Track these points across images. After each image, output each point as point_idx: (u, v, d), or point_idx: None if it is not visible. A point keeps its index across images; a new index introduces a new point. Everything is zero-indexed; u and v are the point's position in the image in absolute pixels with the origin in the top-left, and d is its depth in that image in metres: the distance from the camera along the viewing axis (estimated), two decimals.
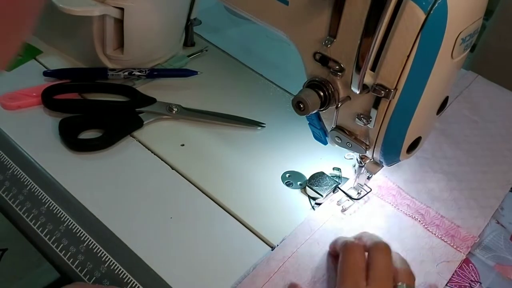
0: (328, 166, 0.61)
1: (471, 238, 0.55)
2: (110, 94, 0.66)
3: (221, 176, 0.59)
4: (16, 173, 0.56)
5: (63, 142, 0.59)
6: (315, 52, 0.46)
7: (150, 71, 0.67)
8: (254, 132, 0.65)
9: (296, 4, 0.46)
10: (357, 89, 0.43)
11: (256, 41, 0.82)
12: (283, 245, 0.51)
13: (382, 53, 0.41)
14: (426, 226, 0.55)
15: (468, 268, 0.53)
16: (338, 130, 0.50)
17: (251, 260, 0.50)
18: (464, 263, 0.53)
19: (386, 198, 0.58)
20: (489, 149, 0.66)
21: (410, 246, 0.53)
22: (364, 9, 0.40)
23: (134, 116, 0.63)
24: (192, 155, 0.61)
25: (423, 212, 0.57)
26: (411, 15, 0.38)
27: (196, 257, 0.50)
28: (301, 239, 0.52)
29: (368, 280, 0.45)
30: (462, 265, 0.52)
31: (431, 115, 0.46)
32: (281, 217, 0.55)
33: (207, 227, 0.53)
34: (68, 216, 0.53)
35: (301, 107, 0.46)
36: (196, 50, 0.76)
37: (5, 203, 0.55)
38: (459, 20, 0.39)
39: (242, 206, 0.56)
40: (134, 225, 0.52)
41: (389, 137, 0.46)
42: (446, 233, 0.55)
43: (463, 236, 0.55)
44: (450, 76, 0.43)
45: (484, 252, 0.54)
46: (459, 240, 0.54)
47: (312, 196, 0.57)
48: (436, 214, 0.57)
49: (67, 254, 0.50)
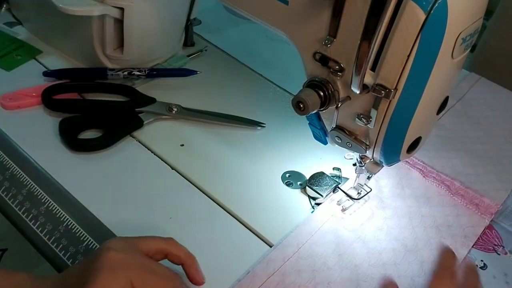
0: (328, 166, 0.61)
1: (494, 205, 0.59)
2: (110, 94, 0.66)
3: (221, 176, 0.59)
4: (16, 173, 0.56)
5: (63, 142, 0.59)
6: (315, 52, 0.46)
7: (150, 71, 0.67)
8: (254, 132, 0.65)
9: (296, 4, 0.45)
10: (357, 89, 0.43)
11: (256, 41, 0.81)
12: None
13: (382, 53, 0.41)
14: (452, 196, 0.60)
15: (491, 233, 0.57)
16: (338, 130, 0.49)
17: (251, 260, 0.50)
18: (488, 229, 0.57)
19: (413, 168, 0.62)
20: (509, 130, 0.71)
21: (438, 213, 0.57)
22: (364, 9, 0.40)
23: (134, 116, 0.63)
24: (192, 155, 0.61)
25: (448, 183, 0.61)
26: (411, 15, 0.38)
27: (196, 257, 0.50)
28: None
29: None
30: (486, 231, 0.57)
31: (431, 115, 0.46)
32: (281, 217, 0.55)
33: (207, 227, 0.53)
34: (67, 216, 0.53)
35: (301, 107, 0.46)
36: (196, 50, 0.76)
37: (4, 203, 0.55)
38: (459, 20, 0.39)
39: (242, 206, 0.56)
40: (134, 225, 0.52)
41: (389, 137, 0.46)
42: (470, 201, 0.59)
43: (487, 204, 0.59)
44: (450, 76, 0.43)
45: (506, 220, 0.59)
46: (483, 208, 0.58)
47: (312, 196, 0.57)
48: (461, 185, 0.61)
49: (67, 254, 0.50)
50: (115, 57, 0.67)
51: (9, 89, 0.63)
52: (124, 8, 0.61)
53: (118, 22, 0.63)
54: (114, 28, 0.64)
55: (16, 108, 0.62)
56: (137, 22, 0.64)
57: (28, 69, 0.68)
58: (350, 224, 0.55)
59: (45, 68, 0.69)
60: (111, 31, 0.64)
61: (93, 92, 0.66)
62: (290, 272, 0.49)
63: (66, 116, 0.61)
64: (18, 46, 0.71)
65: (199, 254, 0.51)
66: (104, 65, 0.67)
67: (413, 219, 0.56)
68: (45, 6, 0.63)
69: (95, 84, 0.66)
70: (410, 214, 0.57)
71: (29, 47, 0.71)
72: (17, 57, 0.70)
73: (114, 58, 0.67)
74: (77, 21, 0.63)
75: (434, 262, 0.52)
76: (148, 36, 0.66)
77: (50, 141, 0.59)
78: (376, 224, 0.55)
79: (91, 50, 0.66)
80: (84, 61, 0.69)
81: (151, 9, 0.63)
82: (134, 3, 0.61)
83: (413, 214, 0.57)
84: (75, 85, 0.66)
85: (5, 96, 0.63)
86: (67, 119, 0.60)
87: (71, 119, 0.61)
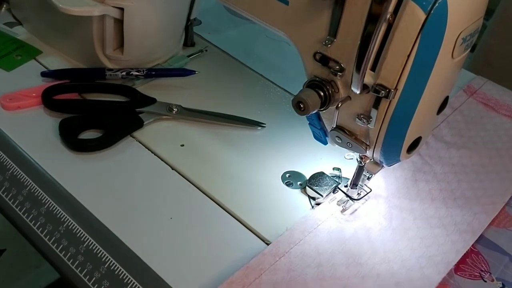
0: (328, 166, 0.61)
1: None
2: (110, 94, 0.66)
3: (221, 176, 0.59)
4: (16, 173, 0.56)
5: (63, 143, 0.59)
6: (315, 52, 0.46)
7: (148, 71, 0.67)
8: (254, 132, 0.65)
9: (296, 4, 0.46)
10: (357, 89, 0.43)
11: (256, 41, 0.81)
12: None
13: (382, 53, 0.41)
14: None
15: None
16: (338, 130, 0.49)
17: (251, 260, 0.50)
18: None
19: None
20: None
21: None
22: (364, 9, 0.40)
23: (134, 116, 0.63)
24: (192, 155, 0.61)
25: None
26: (411, 15, 0.38)
27: (197, 257, 0.50)
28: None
29: None
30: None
31: (431, 115, 0.46)
32: (281, 217, 0.55)
33: (207, 228, 0.53)
34: (68, 217, 0.53)
35: (301, 107, 0.46)
36: (196, 50, 0.75)
37: (4, 204, 0.55)
38: (460, 20, 0.39)
39: (242, 206, 0.55)
40: (134, 225, 0.52)
41: (389, 137, 0.46)
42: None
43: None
44: (450, 76, 0.43)
45: None
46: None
47: (312, 196, 0.57)
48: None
49: (67, 254, 0.50)
50: (115, 57, 0.67)
51: (9, 90, 0.63)
52: (124, 8, 0.61)
53: (118, 22, 0.63)
54: (114, 28, 0.64)
55: (16, 108, 0.62)
56: (137, 22, 0.64)
57: (28, 70, 0.68)
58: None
59: (45, 68, 0.69)
60: (111, 31, 0.64)
61: (93, 93, 0.66)
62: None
63: (66, 117, 0.61)
64: (18, 46, 0.71)
65: (199, 254, 0.51)
66: (104, 66, 0.67)
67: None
68: (45, 6, 0.63)
69: (95, 84, 0.66)
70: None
71: (29, 47, 0.71)
72: (17, 57, 0.70)
73: (114, 59, 0.67)
74: (77, 21, 0.63)
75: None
76: (148, 36, 0.66)
77: (50, 141, 0.59)
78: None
79: (91, 51, 0.66)
80: (84, 61, 0.69)
81: (151, 9, 0.63)
82: (134, 3, 0.61)
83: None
84: (75, 86, 0.65)
85: (5, 97, 0.63)
86: (67, 120, 0.60)
87: (71, 120, 0.61)
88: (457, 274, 0.52)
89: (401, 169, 0.61)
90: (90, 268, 0.49)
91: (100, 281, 0.48)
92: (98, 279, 0.49)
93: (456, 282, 0.51)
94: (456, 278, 0.51)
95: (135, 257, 0.49)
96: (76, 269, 0.50)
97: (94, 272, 0.49)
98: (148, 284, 0.48)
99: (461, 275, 0.52)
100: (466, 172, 0.63)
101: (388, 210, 0.57)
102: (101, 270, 0.49)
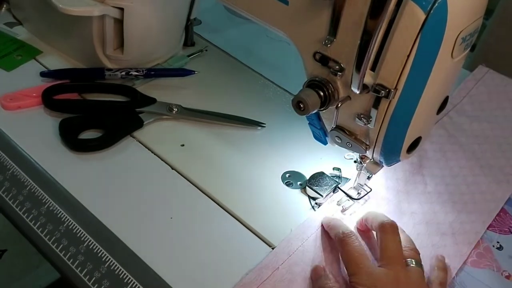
0: (328, 166, 0.61)
1: None
2: (110, 94, 0.66)
3: (221, 176, 0.59)
4: (16, 173, 0.56)
5: (63, 142, 0.59)
6: (315, 52, 0.46)
7: (147, 71, 0.67)
8: (254, 132, 0.65)
9: (296, 4, 0.46)
10: (357, 89, 0.43)
11: (256, 41, 0.81)
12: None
13: (382, 53, 0.41)
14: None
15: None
16: (338, 130, 0.50)
17: (251, 260, 0.50)
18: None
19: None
20: None
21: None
22: (364, 9, 0.40)
23: (134, 116, 0.63)
24: (192, 155, 0.61)
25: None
26: (411, 15, 0.38)
27: (196, 257, 0.50)
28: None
29: (382, 262, 0.47)
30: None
31: (431, 115, 0.46)
32: (281, 217, 0.55)
33: (207, 227, 0.53)
34: (68, 217, 0.53)
35: (301, 107, 0.46)
36: (196, 50, 0.76)
37: (5, 204, 0.55)
38: (459, 20, 0.39)
39: (242, 206, 0.56)
40: (134, 225, 0.52)
41: (389, 137, 0.46)
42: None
43: None
44: (450, 75, 0.43)
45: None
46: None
47: (312, 196, 0.57)
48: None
49: (67, 254, 0.50)
50: (115, 57, 0.67)
51: (10, 90, 0.63)
52: (124, 8, 0.61)
53: (118, 22, 0.63)
54: (114, 28, 0.64)
55: (16, 108, 0.62)
56: (137, 22, 0.64)
57: (28, 69, 0.68)
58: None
59: (45, 68, 0.69)
60: (111, 31, 0.64)
61: (93, 93, 0.66)
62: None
63: (66, 117, 0.61)
64: (18, 46, 0.71)
65: (198, 254, 0.51)
66: (104, 65, 0.67)
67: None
68: (45, 6, 0.63)
69: (95, 84, 0.66)
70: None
71: (29, 47, 0.72)
72: (17, 57, 0.70)
73: (114, 58, 0.67)
74: (77, 21, 0.63)
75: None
76: (148, 36, 0.66)
77: (51, 141, 0.59)
78: None
79: (91, 50, 0.66)
80: (84, 61, 0.69)
81: (151, 9, 0.63)
82: (134, 3, 0.61)
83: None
84: (76, 86, 0.66)
85: (6, 97, 0.63)
86: (67, 120, 0.60)
87: (71, 119, 0.61)
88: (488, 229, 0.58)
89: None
90: (90, 268, 0.49)
91: (100, 280, 0.48)
92: (98, 278, 0.49)
93: (487, 235, 0.57)
94: (487, 232, 0.57)
95: (135, 257, 0.50)
96: (76, 268, 0.50)
97: (94, 272, 0.49)
98: (148, 284, 0.48)
99: (491, 230, 0.58)
100: (490, 143, 0.67)
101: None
102: (101, 270, 0.49)
